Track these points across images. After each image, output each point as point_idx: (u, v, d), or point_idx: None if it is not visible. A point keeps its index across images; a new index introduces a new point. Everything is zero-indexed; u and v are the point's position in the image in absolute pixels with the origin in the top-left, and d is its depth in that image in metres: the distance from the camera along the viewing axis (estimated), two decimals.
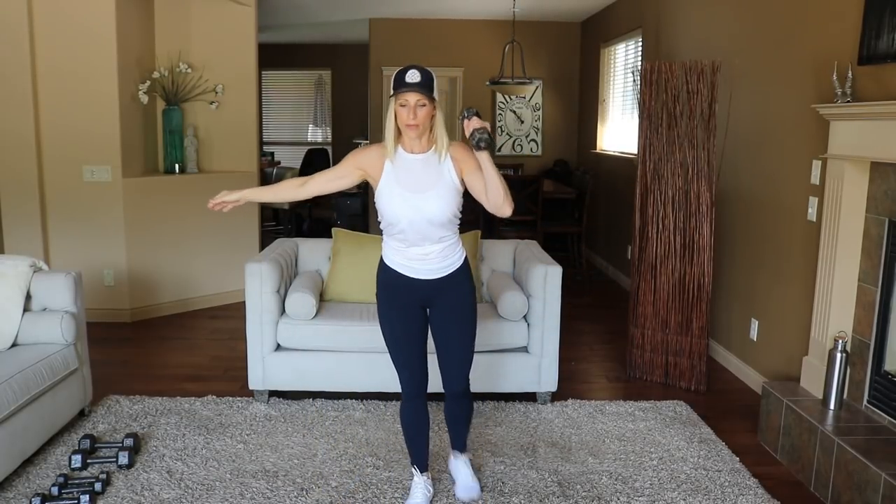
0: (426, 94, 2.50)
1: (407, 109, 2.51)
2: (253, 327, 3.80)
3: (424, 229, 2.60)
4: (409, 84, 2.48)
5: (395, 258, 2.70)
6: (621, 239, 6.74)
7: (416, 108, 2.51)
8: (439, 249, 2.66)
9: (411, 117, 2.51)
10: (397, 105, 2.53)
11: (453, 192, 2.60)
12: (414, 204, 2.57)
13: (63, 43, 5.02)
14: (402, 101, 2.51)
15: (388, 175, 2.60)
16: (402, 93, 2.49)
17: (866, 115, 3.09)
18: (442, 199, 2.58)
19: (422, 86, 2.49)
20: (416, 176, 2.59)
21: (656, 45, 6.00)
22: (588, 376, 4.46)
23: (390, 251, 2.72)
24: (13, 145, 5.05)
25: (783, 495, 3.03)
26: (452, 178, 2.60)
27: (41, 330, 3.39)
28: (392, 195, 2.59)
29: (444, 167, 2.59)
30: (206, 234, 5.71)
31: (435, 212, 2.58)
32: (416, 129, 2.53)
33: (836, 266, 3.32)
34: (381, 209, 2.64)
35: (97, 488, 2.89)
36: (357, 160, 2.69)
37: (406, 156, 2.61)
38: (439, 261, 2.67)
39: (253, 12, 5.91)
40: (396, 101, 2.53)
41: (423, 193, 2.57)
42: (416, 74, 2.49)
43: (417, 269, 2.67)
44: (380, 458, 3.27)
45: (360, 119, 10.82)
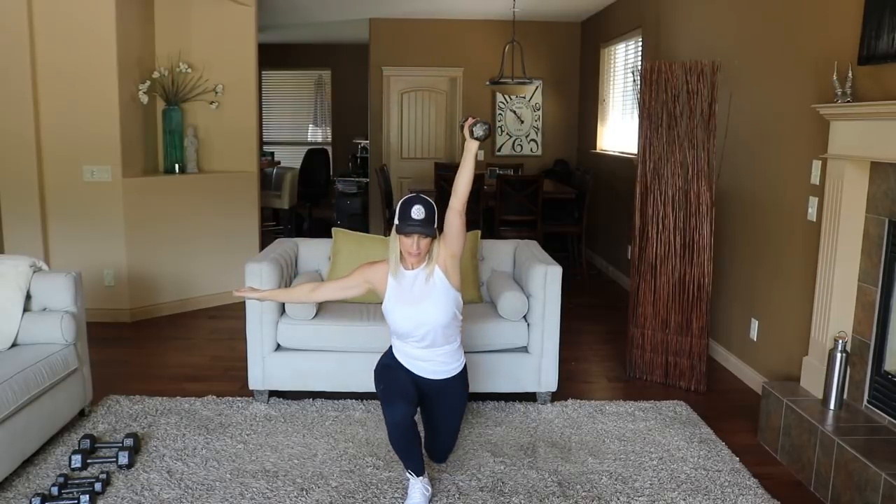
0: (429, 232, 2.79)
1: (411, 242, 2.80)
2: (253, 327, 3.80)
3: (427, 335, 2.89)
4: (414, 222, 2.76)
5: (402, 357, 3.00)
6: (621, 239, 6.75)
7: (419, 241, 2.80)
8: (442, 354, 2.95)
9: (414, 248, 2.80)
10: (402, 236, 2.81)
11: (447, 294, 2.88)
12: (413, 314, 2.86)
13: (63, 43, 5.02)
14: (406, 233, 2.79)
15: (391, 291, 2.91)
16: (407, 227, 2.76)
17: (866, 115, 3.09)
18: (437, 304, 2.86)
19: (425, 223, 2.77)
20: (415, 289, 2.88)
21: (656, 45, 6.00)
22: (588, 376, 4.46)
23: (397, 350, 3.02)
24: (13, 145, 5.06)
25: (783, 495, 3.03)
26: (442, 281, 2.87)
27: (41, 330, 3.39)
28: (395, 310, 2.90)
29: (434, 277, 2.87)
30: (206, 234, 5.72)
31: (433, 318, 2.86)
32: (417, 257, 2.84)
33: (836, 266, 3.32)
34: (388, 320, 2.95)
35: (97, 488, 2.89)
36: (365, 275, 2.99)
37: (404, 273, 2.90)
38: (441, 364, 2.97)
39: (253, 12, 5.91)
40: (401, 233, 2.80)
41: (419, 304, 2.86)
42: (420, 211, 2.77)
43: (422, 367, 2.96)
44: (380, 458, 3.27)
45: (360, 119, 10.83)
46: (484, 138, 2.76)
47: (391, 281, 2.90)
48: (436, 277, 2.87)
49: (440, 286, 2.87)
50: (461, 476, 3.12)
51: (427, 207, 2.78)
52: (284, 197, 8.81)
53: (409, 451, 2.85)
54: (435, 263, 2.87)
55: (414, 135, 8.92)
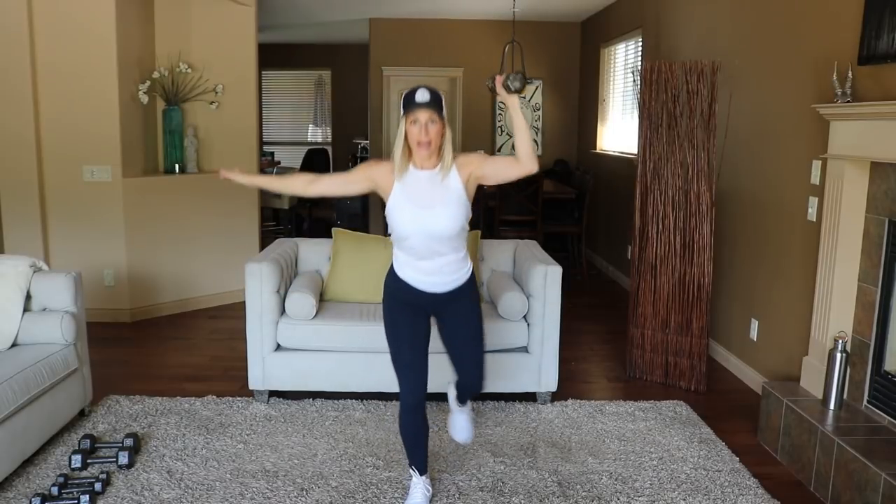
0: (437, 112, 2.55)
1: (418, 127, 2.55)
2: (253, 327, 3.80)
3: (434, 243, 2.65)
4: (419, 103, 2.53)
5: (405, 270, 2.74)
6: (621, 239, 6.75)
7: (427, 126, 2.55)
8: (447, 263, 2.70)
9: (423, 134, 2.55)
10: (408, 124, 2.57)
11: (460, 204, 2.64)
12: (422, 219, 2.62)
13: (63, 43, 5.02)
14: (412, 119, 2.55)
15: (397, 192, 2.65)
16: (412, 111, 2.54)
17: (866, 115, 3.09)
18: (449, 213, 2.62)
19: (432, 104, 2.54)
20: (423, 192, 2.63)
21: (656, 45, 6.00)
22: (588, 376, 4.46)
23: (400, 263, 2.76)
24: (13, 145, 5.06)
25: (783, 495, 3.03)
26: (458, 189, 2.63)
27: (41, 330, 3.39)
28: (402, 211, 2.64)
29: (449, 181, 2.63)
30: (206, 234, 5.72)
31: (443, 226, 2.62)
32: (427, 147, 2.57)
33: (836, 266, 3.32)
34: (392, 224, 2.69)
35: (97, 488, 2.89)
36: (369, 171, 2.74)
37: (415, 172, 2.64)
38: (447, 274, 2.72)
39: (253, 12, 5.91)
40: (407, 120, 2.56)
41: (430, 209, 2.61)
42: (425, 93, 2.55)
43: (426, 281, 2.72)
44: (380, 458, 3.27)
45: (361, 119, 10.82)
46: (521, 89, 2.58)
47: (397, 182, 2.65)
48: (451, 181, 2.63)
49: (454, 193, 2.63)
50: (461, 476, 3.12)
51: (432, 91, 2.57)
52: (284, 197, 8.80)
53: (416, 440, 2.82)
54: (452, 164, 2.63)
55: None
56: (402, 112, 2.58)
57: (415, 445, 2.84)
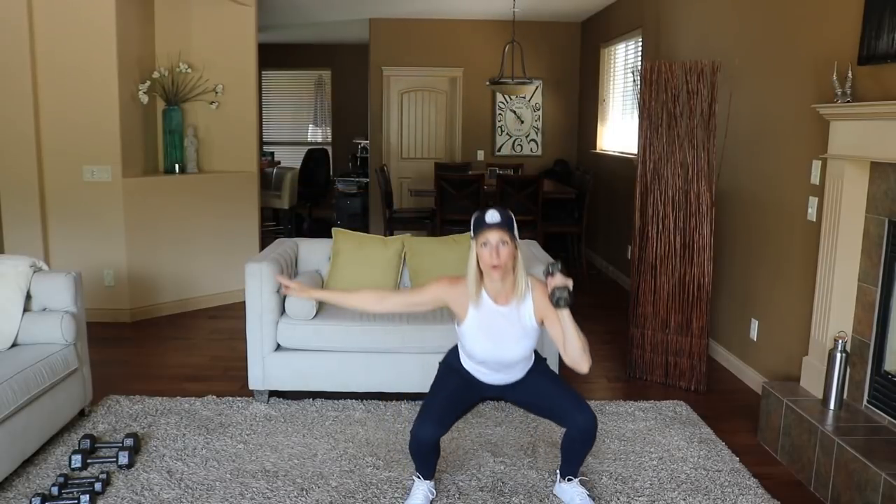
0: (508, 233, 2.53)
1: (489, 249, 2.52)
2: (253, 327, 3.80)
3: (504, 366, 2.73)
4: (489, 224, 2.51)
5: (471, 365, 2.80)
6: (621, 239, 6.74)
7: (499, 248, 2.52)
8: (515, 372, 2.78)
9: (494, 257, 2.52)
10: (479, 247, 2.55)
11: (532, 335, 2.69)
12: (496, 351, 2.67)
13: (63, 43, 5.02)
14: (483, 241, 2.53)
15: (471, 320, 2.66)
16: (482, 232, 2.52)
17: (866, 115, 3.09)
18: (521, 344, 2.67)
19: (503, 224, 2.52)
20: (498, 327, 2.64)
21: (656, 45, 6.00)
22: (588, 376, 4.42)
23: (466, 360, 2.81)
24: (13, 145, 5.06)
25: (783, 495, 3.03)
26: (532, 324, 2.66)
27: (41, 330, 3.39)
28: (476, 341, 2.68)
29: (523, 312, 2.65)
30: (206, 234, 5.72)
31: (516, 356, 2.69)
32: (499, 271, 2.54)
33: (836, 266, 3.32)
34: (464, 344, 2.74)
35: (97, 488, 2.89)
36: (442, 294, 2.71)
37: (490, 306, 2.64)
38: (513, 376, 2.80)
39: (253, 12, 5.91)
40: (478, 243, 2.55)
41: (504, 343, 2.66)
42: (495, 215, 2.53)
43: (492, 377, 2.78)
44: (380, 458, 3.27)
45: (361, 119, 10.83)
46: (566, 305, 2.54)
47: (472, 311, 2.64)
48: (525, 312, 2.63)
49: (530, 329, 2.65)
50: (461, 476, 3.12)
51: (502, 212, 2.54)
52: (284, 197, 8.81)
53: (424, 461, 2.82)
54: (528, 290, 2.62)
55: (414, 135, 8.92)
56: (473, 235, 2.57)
57: (422, 462, 2.84)
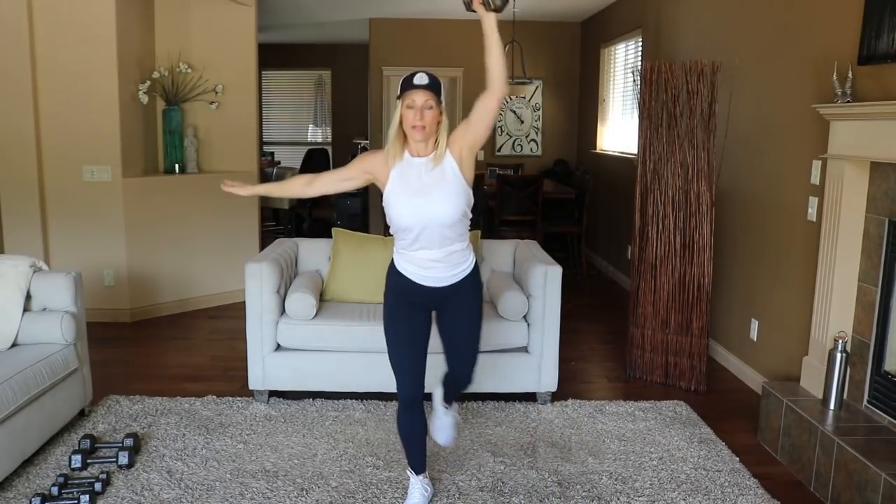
0: (434, 96, 2.49)
1: (414, 111, 2.48)
2: (253, 327, 3.80)
3: (434, 232, 2.58)
4: (416, 85, 2.48)
5: (406, 264, 2.68)
6: (621, 239, 6.74)
7: (423, 110, 2.48)
8: (449, 254, 2.63)
9: (418, 118, 2.48)
10: (404, 107, 2.50)
11: (458, 188, 2.56)
12: (420, 207, 2.55)
13: (63, 43, 5.02)
14: (408, 103, 2.49)
15: (394, 181, 2.58)
16: (409, 93, 2.48)
17: (866, 115, 3.09)
18: (447, 198, 2.55)
19: (430, 87, 2.48)
20: (420, 179, 2.56)
21: (656, 45, 6.00)
22: (588, 376, 4.46)
23: (401, 256, 2.70)
24: (13, 145, 5.06)
25: (783, 495, 3.03)
26: (454, 172, 2.56)
27: (41, 330, 3.39)
28: (399, 200, 2.57)
29: (444, 165, 2.56)
30: (206, 234, 5.72)
31: (441, 212, 2.55)
32: (422, 132, 2.50)
33: (836, 266, 3.32)
34: (390, 214, 2.61)
35: (97, 488, 2.89)
36: (365, 164, 2.69)
37: (410, 160, 2.58)
38: (450, 268, 2.65)
39: (253, 12, 5.91)
40: (403, 103, 2.50)
41: (427, 196, 2.54)
42: (423, 77, 2.49)
43: (427, 276, 2.65)
44: (380, 458, 3.27)
45: (361, 119, 10.82)
46: (502, 8, 2.36)
47: (394, 171, 2.58)
48: (446, 166, 2.55)
49: (451, 177, 2.56)
50: (461, 476, 3.12)
51: (431, 76, 2.50)
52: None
53: (413, 437, 2.81)
54: (446, 149, 2.56)
55: None
56: (399, 94, 2.51)
57: (412, 444, 2.83)
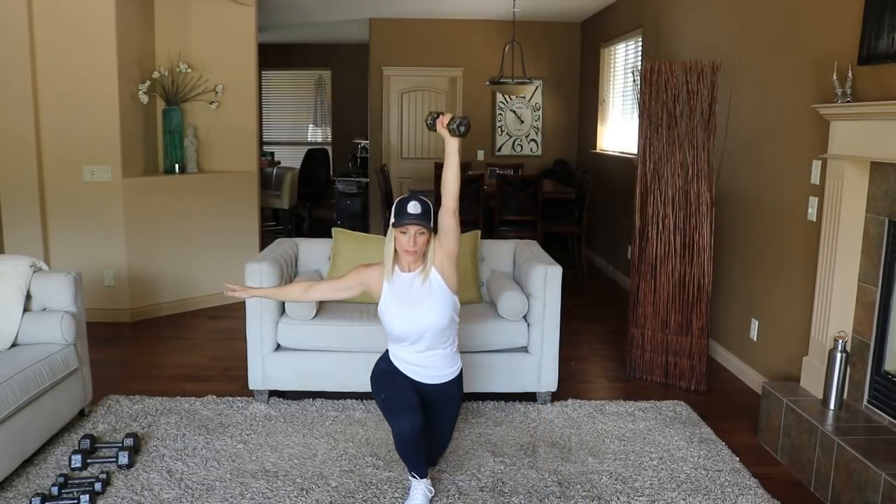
0: (425, 225, 2.75)
1: (407, 237, 2.76)
2: (253, 327, 3.80)
3: (425, 338, 2.84)
4: (410, 215, 2.73)
5: (399, 361, 2.93)
6: (621, 239, 6.75)
7: (416, 236, 2.75)
8: (439, 358, 2.90)
9: (411, 244, 2.76)
10: (398, 232, 2.77)
11: (444, 298, 2.83)
12: (410, 317, 2.81)
13: (63, 43, 5.02)
14: (402, 230, 2.75)
15: (386, 293, 2.86)
16: (403, 223, 2.73)
17: (866, 115, 3.09)
18: (435, 308, 2.81)
19: (422, 217, 2.73)
20: (410, 293, 2.83)
21: (656, 45, 6.00)
22: (588, 376, 4.46)
23: (395, 356, 2.95)
24: (13, 145, 5.06)
25: (783, 495, 3.03)
26: (439, 284, 2.82)
27: (41, 330, 3.39)
28: (391, 311, 2.84)
29: (431, 279, 2.82)
30: (206, 234, 5.72)
31: (431, 321, 2.81)
32: (413, 255, 2.79)
33: (836, 266, 3.32)
34: (385, 323, 2.89)
35: (97, 488, 2.89)
36: (361, 276, 2.93)
37: (400, 274, 2.85)
38: (439, 369, 2.92)
39: (253, 12, 5.92)
40: (397, 229, 2.76)
41: (416, 307, 2.81)
42: (416, 206, 2.74)
43: (420, 373, 2.90)
44: (380, 458, 3.27)
45: (360, 119, 10.83)
46: (465, 130, 2.68)
47: (386, 286, 2.86)
48: (432, 280, 2.82)
49: (437, 289, 2.82)
50: (461, 476, 3.12)
51: (423, 204, 2.76)
52: (284, 197, 8.81)
53: (415, 458, 2.83)
54: (431, 265, 2.82)
55: (414, 135, 8.92)
56: (393, 220, 2.77)
57: (414, 460, 2.84)
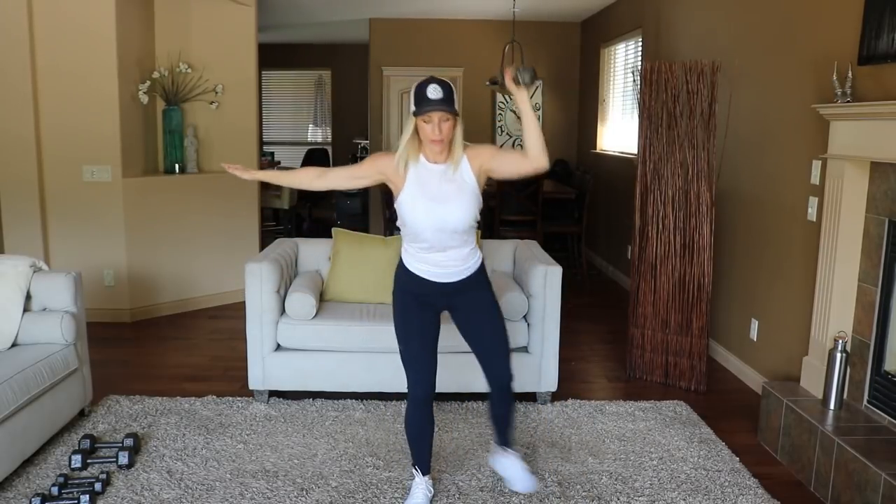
0: (449, 110, 2.50)
1: (431, 126, 2.51)
2: (253, 327, 3.80)
3: (445, 236, 2.64)
4: (431, 101, 2.47)
5: (416, 263, 2.73)
6: (621, 239, 6.74)
7: (441, 124, 2.51)
8: (459, 254, 2.71)
9: (436, 133, 2.51)
10: (420, 121, 2.52)
11: (473, 197, 2.63)
12: (436, 213, 2.60)
13: (63, 43, 5.02)
14: (425, 118, 2.51)
15: (410, 185, 2.62)
16: (425, 109, 2.49)
17: (866, 115, 3.09)
18: (463, 206, 2.61)
19: (445, 101, 2.48)
20: (436, 185, 2.60)
21: (656, 45, 6.00)
22: (588, 376, 4.45)
23: (410, 256, 2.76)
24: (13, 145, 5.05)
25: (783, 495, 3.03)
26: (471, 182, 2.62)
27: (41, 330, 3.39)
28: (416, 204, 2.61)
29: (462, 174, 2.61)
30: (206, 234, 5.72)
31: (457, 220, 2.61)
32: (440, 144, 2.54)
33: (836, 266, 3.32)
34: (404, 217, 2.66)
35: (97, 488, 2.89)
36: (379, 164, 2.69)
37: (427, 165, 2.61)
38: (458, 265, 2.72)
39: (253, 12, 5.91)
40: (419, 118, 2.52)
41: (444, 203, 2.59)
42: (437, 90, 2.48)
43: (437, 273, 2.71)
44: (380, 458, 3.27)
45: (361, 119, 10.83)
46: (531, 83, 2.49)
47: (411, 175, 2.60)
48: (465, 174, 2.60)
49: (469, 187, 2.61)
50: (461, 476, 3.12)
51: (444, 86, 2.50)
52: (284, 197, 8.81)
53: (421, 436, 2.80)
54: (464, 156, 2.59)
55: None
56: (413, 107, 2.52)
57: (419, 442, 2.82)
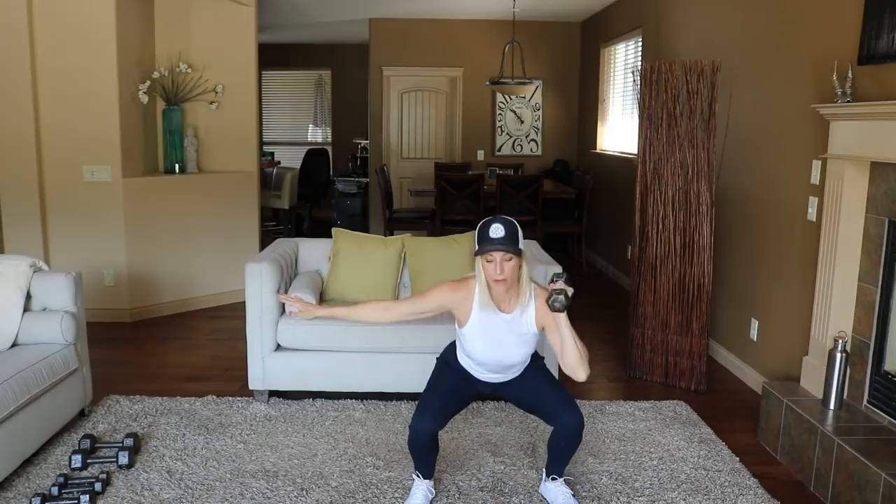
0: (511, 249, 2.51)
1: (493, 265, 2.53)
2: (253, 327, 3.80)
3: (502, 368, 2.77)
4: (493, 240, 2.49)
5: (469, 362, 2.81)
6: (621, 239, 6.75)
7: (503, 264, 2.53)
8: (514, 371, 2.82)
9: (498, 272, 2.53)
10: (483, 260, 2.56)
11: (532, 341, 2.73)
12: (495, 357, 2.71)
13: (63, 43, 5.02)
14: (487, 258, 2.54)
15: (474, 325, 2.68)
16: (487, 249, 2.51)
17: (866, 115, 3.09)
18: (521, 353, 2.72)
19: (507, 240, 2.50)
20: (499, 333, 2.67)
21: (656, 45, 6.00)
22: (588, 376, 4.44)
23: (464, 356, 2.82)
24: (13, 145, 5.05)
25: (783, 495, 3.03)
26: (533, 330, 2.70)
27: (41, 330, 3.39)
28: (476, 343, 2.71)
29: (526, 321, 2.68)
30: (206, 234, 5.72)
31: (514, 361, 2.74)
32: (503, 284, 2.57)
33: (836, 266, 3.32)
34: (463, 344, 2.76)
35: (97, 488, 2.89)
36: (444, 300, 2.71)
37: (498, 314, 2.65)
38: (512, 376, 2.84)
39: (253, 12, 5.91)
40: (482, 257, 2.55)
41: (503, 348, 2.69)
42: (499, 229, 2.50)
43: (490, 376, 2.82)
44: (380, 458, 3.27)
45: (361, 119, 10.82)
46: (561, 308, 2.52)
47: (475, 314, 2.65)
48: (528, 324, 2.66)
49: (530, 335, 2.69)
50: (461, 476, 3.12)
51: (507, 225, 2.51)
52: (284, 197, 8.82)
53: (422, 458, 2.82)
54: (532, 301, 2.64)
55: (414, 135, 8.92)
56: (476, 248, 2.55)
57: (421, 459, 2.83)
